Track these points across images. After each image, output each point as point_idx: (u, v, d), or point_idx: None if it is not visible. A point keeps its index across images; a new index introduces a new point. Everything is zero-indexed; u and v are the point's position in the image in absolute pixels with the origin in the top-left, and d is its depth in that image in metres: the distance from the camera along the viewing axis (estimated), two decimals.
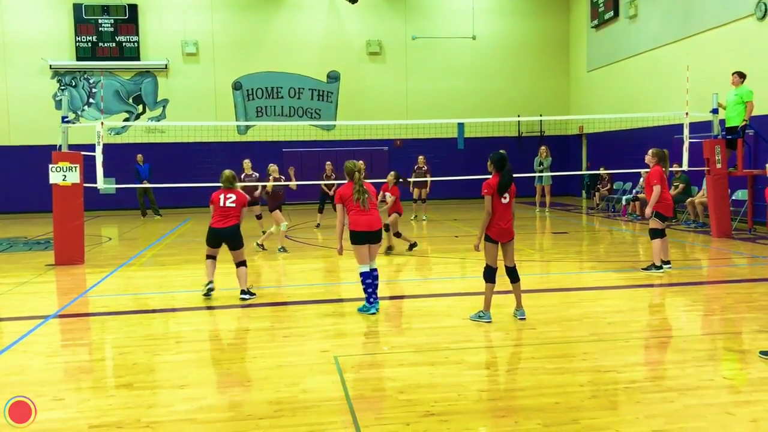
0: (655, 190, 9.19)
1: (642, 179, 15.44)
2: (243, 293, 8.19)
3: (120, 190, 20.44)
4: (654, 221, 9.35)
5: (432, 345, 6.14)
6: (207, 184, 12.90)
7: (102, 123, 12.25)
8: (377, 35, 23.47)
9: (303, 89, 23.31)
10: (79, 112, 22.27)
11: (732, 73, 12.91)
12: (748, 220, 13.73)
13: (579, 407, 4.58)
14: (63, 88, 22.17)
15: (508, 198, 6.76)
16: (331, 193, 15.95)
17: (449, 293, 8.56)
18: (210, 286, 8.32)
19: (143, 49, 22.39)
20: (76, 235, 11.22)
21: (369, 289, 7.31)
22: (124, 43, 22.20)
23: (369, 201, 7.31)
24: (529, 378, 5.23)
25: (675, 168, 14.02)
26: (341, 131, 22.76)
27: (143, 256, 12.31)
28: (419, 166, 17.44)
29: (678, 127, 14.95)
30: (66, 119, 11.70)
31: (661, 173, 9.32)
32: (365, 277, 7.29)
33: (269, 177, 12.54)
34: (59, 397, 4.98)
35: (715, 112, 13.33)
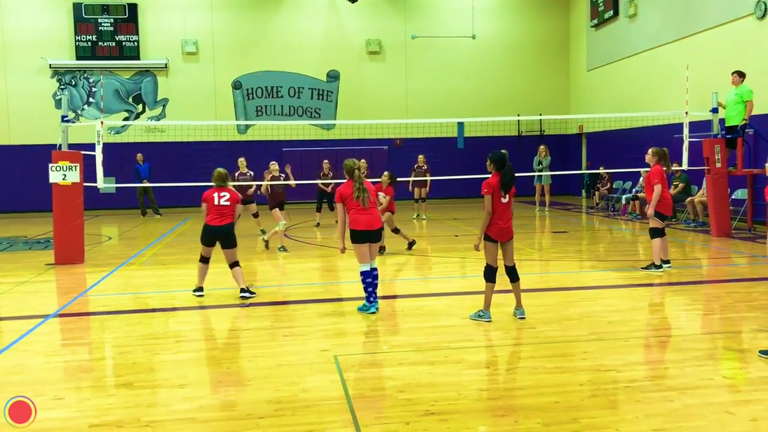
0: (656, 189, 9.17)
1: (642, 178, 15.46)
2: (243, 291, 8.17)
3: (120, 189, 20.47)
4: (654, 220, 9.34)
5: (432, 344, 6.14)
6: (207, 183, 12.81)
7: (102, 122, 12.26)
8: (377, 34, 23.46)
9: (303, 88, 23.30)
10: (79, 111, 22.27)
11: (732, 73, 12.91)
12: (747, 219, 13.73)
13: (579, 406, 4.59)
14: (63, 87, 22.16)
15: (507, 197, 6.77)
16: (329, 190, 15.97)
17: (449, 292, 8.56)
18: (200, 293, 8.34)
19: (143, 49, 22.39)
20: (76, 235, 11.22)
21: (369, 288, 7.32)
22: (123, 43, 22.19)
23: (369, 200, 7.31)
24: (529, 377, 5.23)
25: (675, 167, 14.01)
26: (341, 130, 22.75)
27: (143, 255, 12.31)
28: (419, 165, 17.43)
29: (678, 127, 14.95)
30: (66, 118, 11.70)
31: (662, 172, 9.31)
32: (365, 276, 7.30)
33: (268, 175, 12.54)
34: (59, 397, 4.98)
35: (715, 111, 13.33)
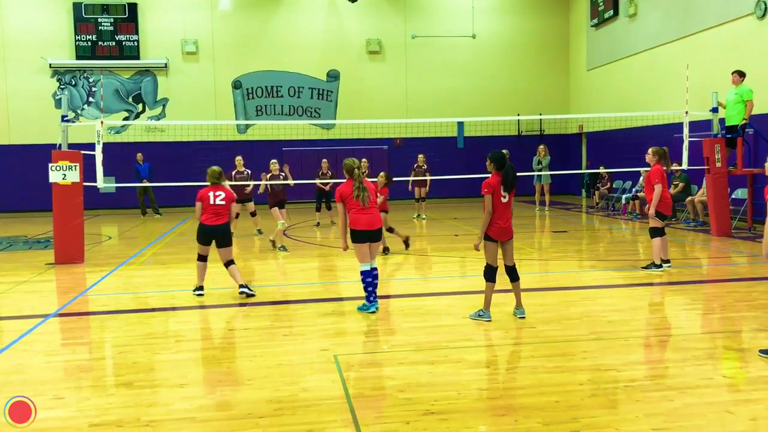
0: (657, 189, 9.17)
1: (642, 178, 15.45)
2: (242, 287, 8.16)
3: (120, 189, 20.46)
4: (654, 220, 9.34)
5: (432, 344, 6.15)
6: (206, 183, 12.86)
7: (102, 122, 12.27)
8: (377, 34, 23.45)
9: (303, 88, 23.30)
10: (79, 110, 22.26)
11: (732, 72, 12.91)
12: (747, 218, 13.73)
13: (579, 406, 4.59)
14: (63, 86, 22.16)
15: (507, 197, 6.77)
16: (328, 189, 15.97)
17: (449, 292, 8.55)
18: (201, 292, 8.34)
19: (143, 48, 22.38)
20: (76, 234, 11.21)
21: (369, 288, 7.32)
22: (123, 42, 22.19)
23: (369, 199, 7.31)
24: (529, 377, 5.23)
25: (675, 167, 14.02)
26: (341, 130, 22.74)
27: (143, 254, 12.31)
28: (419, 165, 17.43)
29: (678, 126, 14.96)
30: (66, 118, 11.70)
31: (662, 172, 9.30)
32: (366, 276, 7.30)
33: (267, 175, 12.53)
34: (59, 396, 4.98)
35: (715, 110, 13.33)
